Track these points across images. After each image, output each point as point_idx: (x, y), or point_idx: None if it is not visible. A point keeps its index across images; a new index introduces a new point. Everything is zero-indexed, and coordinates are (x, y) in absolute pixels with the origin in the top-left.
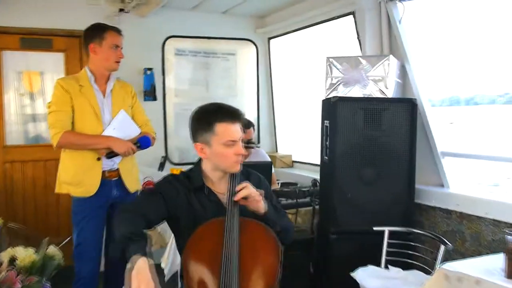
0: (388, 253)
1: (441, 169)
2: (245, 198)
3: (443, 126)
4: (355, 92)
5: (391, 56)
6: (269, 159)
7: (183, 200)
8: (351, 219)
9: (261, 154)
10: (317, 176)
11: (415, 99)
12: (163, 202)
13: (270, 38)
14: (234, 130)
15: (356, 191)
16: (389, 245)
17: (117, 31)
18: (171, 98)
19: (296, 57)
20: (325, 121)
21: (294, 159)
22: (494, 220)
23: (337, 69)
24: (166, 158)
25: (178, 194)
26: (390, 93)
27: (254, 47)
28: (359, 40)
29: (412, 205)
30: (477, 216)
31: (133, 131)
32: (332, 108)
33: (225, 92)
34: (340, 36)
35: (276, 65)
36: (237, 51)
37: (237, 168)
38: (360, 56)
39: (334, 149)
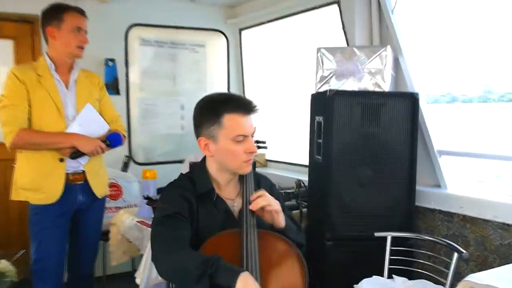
0: (390, 261)
1: (438, 169)
2: (261, 208)
3: (438, 124)
4: (349, 85)
5: (388, 47)
6: None
7: (195, 209)
8: (348, 224)
9: None
10: (298, 177)
11: (417, 93)
12: (189, 226)
13: (241, 30)
14: (246, 123)
15: (353, 194)
16: (391, 252)
17: (79, 11)
18: (135, 92)
19: (270, 50)
20: (317, 117)
21: (268, 157)
22: (503, 223)
23: (329, 60)
24: (130, 157)
25: (191, 206)
26: (387, 87)
27: (225, 38)
28: (344, 32)
29: (413, 208)
30: (484, 219)
31: (101, 128)
32: (328, 103)
33: (193, 86)
34: (319, 28)
35: (248, 58)
36: (207, 42)
37: (248, 169)
38: (355, 47)
39: (329, 148)
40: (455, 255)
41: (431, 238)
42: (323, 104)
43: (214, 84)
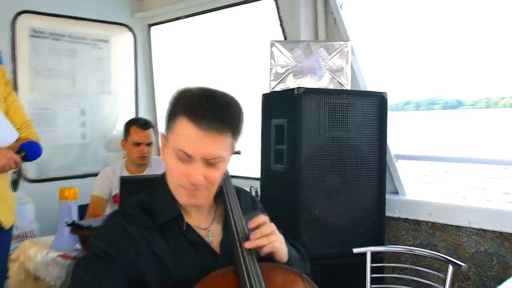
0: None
1: (395, 174)
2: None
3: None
4: (307, 84)
5: (349, 42)
6: None
7: (146, 253)
8: (319, 241)
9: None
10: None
11: (385, 93)
12: (119, 273)
13: (150, 25)
14: (199, 141)
15: (323, 206)
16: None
17: None
18: (24, 93)
19: (185, 48)
20: (275, 120)
21: None
22: (479, 229)
23: (286, 56)
24: (19, 173)
25: (137, 247)
26: (348, 87)
27: (131, 34)
28: (282, 28)
29: (383, 218)
30: (457, 226)
31: (9, 136)
32: (294, 103)
33: (96, 87)
34: (251, 23)
35: (160, 57)
36: (111, 38)
37: (186, 201)
38: (313, 41)
39: (296, 155)
40: (450, 268)
41: (423, 253)
42: (286, 104)
43: (119, 85)
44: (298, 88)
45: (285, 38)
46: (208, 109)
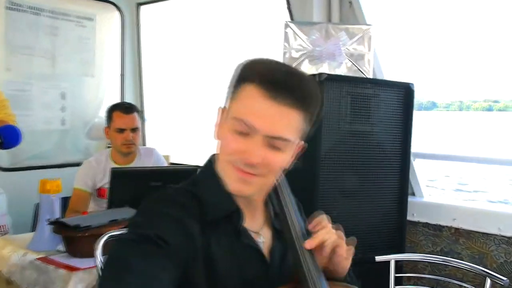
0: None
1: (413, 174)
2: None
3: None
4: (324, 71)
5: (372, 26)
6: (165, 162)
7: (200, 253)
8: None
9: (156, 155)
10: None
11: (412, 84)
12: (173, 266)
13: (139, 4)
14: (264, 110)
15: (340, 207)
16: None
17: None
18: None
19: (178, 31)
20: None
21: (172, 160)
22: (510, 237)
23: (301, 39)
24: None
25: (192, 244)
26: (370, 75)
27: (119, 13)
28: (289, 11)
29: (404, 223)
30: (484, 233)
31: None
32: None
33: (79, 69)
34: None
35: (149, 39)
36: (96, 16)
37: (235, 187)
38: (332, 23)
39: (315, 149)
40: (488, 281)
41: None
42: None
43: (104, 68)
44: (320, 74)
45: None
46: (286, 79)
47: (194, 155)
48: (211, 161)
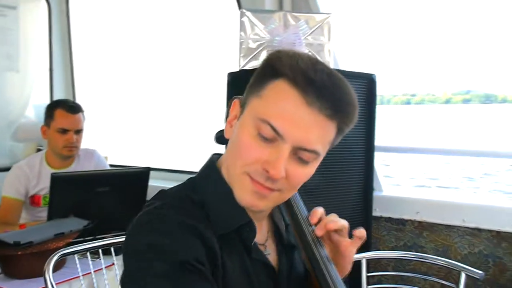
0: None
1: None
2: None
3: None
4: None
5: (331, 15)
6: (107, 164)
7: (218, 270)
8: None
9: (97, 157)
10: (164, 185)
11: (374, 75)
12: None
13: None
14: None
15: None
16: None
17: None
18: None
19: (113, 21)
20: None
21: (111, 162)
22: (474, 228)
23: (259, 28)
24: None
25: (214, 259)
26: (332, 66)
27: (45, 2)
28: None
29: (370, 218)
30: (447, 225)
31: None
32: None
33: (1, 64)
34: None
35: (80, 31)
36: (20, 4)
37: (249, 201)
38: (290, 12)
39: None
40: (463, 275)
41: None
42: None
43: (30, 62)
44: None
45: (239, 6)
46: (330, 84)
47: (134, 155)
48: (214, 162)
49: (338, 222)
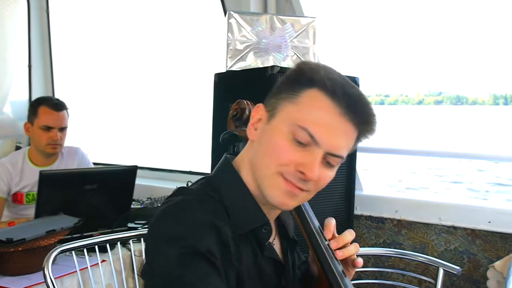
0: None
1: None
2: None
3: None
4: (269, 64)
5: (317, 18)
6: (90, 162)
7: (234, 267)
8: None
9: (80, 155)
10: (150, 184)
11: (357, 78)
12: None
13: None
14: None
15: None
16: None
17: None
18: None
19: (95, 19)
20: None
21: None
22: (450, 226)
23: (246, 30)
24: None
25: (229, 256)
26: None
27: None
28: (222, 1)
29: (352, 217)
30: (425, 223)
31: None
32: (264, 85)
33: None
34: None
35: (60, 27)
36: None
37: (280, 201)
38: (276, 15)
39: None
40: (441, 271)
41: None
42: (250, 86)
43: (8, 58)
44: (273, 67)
45: (225, 13)
46: (359, 97)
47: (114, 153)
48: (230, 163)
49: (354, 249)
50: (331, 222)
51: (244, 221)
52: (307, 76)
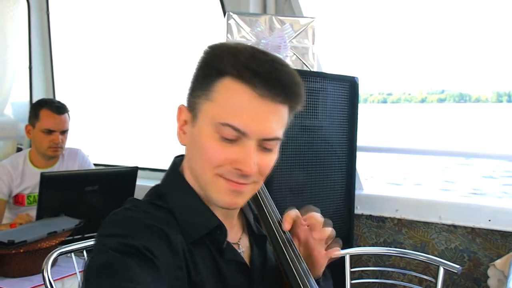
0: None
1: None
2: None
3: None
4: None
5: (316, 18)
6: (91, 164)
7: (186, 275)
8: None
9: (81, 156)
10: (153, 185)
11: (357, 77)
12: (164, 284)
13: None
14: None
15: (290, 204)
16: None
17: None
18: None
19: (95, 20)
20: None
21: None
22: (450, 225)
23: (245, 31)
24: None
25: (179, 261)
26: (315, 69)
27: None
28: (221, 2)
29: (352, 216)
30: (425, 222)
31: None
32: None
33: None
34: None
35: (61, 29)
36: None
37: (228, 201)
38: (276, 15)
39: None
40: (441, 270)
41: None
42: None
43: (9, 60)
44: None
45: (224, 14)
46: (274, 71)
47: (115, 154)
48: (177, 168)
49: (325, 232)
50: (290, 213)
51: (195, 227)
52: (213, 66)
